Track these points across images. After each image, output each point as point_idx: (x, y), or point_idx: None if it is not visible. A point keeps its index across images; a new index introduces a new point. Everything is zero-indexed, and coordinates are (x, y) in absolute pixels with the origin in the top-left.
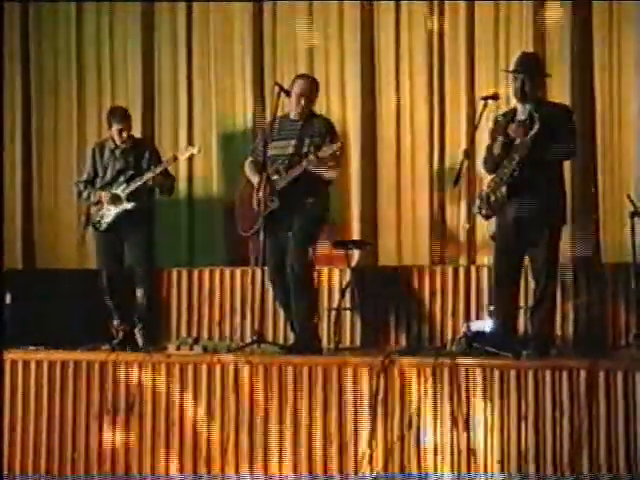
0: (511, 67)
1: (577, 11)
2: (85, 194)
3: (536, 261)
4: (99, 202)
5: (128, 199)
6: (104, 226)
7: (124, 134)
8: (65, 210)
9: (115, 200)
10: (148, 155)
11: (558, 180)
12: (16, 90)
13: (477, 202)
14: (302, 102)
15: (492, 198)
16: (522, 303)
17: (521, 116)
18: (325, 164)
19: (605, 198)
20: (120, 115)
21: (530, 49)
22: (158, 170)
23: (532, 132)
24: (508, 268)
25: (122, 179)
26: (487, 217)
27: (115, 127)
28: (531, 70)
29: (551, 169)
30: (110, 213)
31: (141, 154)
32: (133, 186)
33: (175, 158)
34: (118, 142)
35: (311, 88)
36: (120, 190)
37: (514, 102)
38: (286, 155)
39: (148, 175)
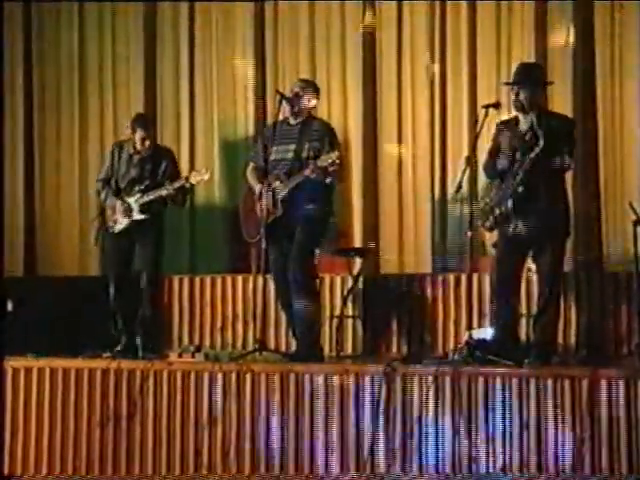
0: (510, 78)
1: (579, 18)
2: (103, 195)
3: (540, 270)
4: (113, 208)
5: (140, 211)
6: (115, 231)
7: (147, 142)
8: (67, 217)
9: (128, 210)
10: (165, 166)
11: (561, 191)
12: (18, 93)
13: (480, 215)
14: (298, 103)
15: (497, 212)
16: (524, 311)
17: (523, 126)
18: (325, 171)
19: (607, 207)
20: (145, 123)
21: (532, 57)
22: (171, 188)
23: (537, 149)
24: (509, 277)
25: (137, 188)
26: (490, 229)
27: (139, 134)
28: (529, 81)
29: (554, 181)
30: (122, 221)
31: (158, 164)
32: (146, 198)
33: (187, 179)
34: (139, 148)
35: (307, 90)
36: (133, 200)
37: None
38: (286, 160)
39: (161, 191)
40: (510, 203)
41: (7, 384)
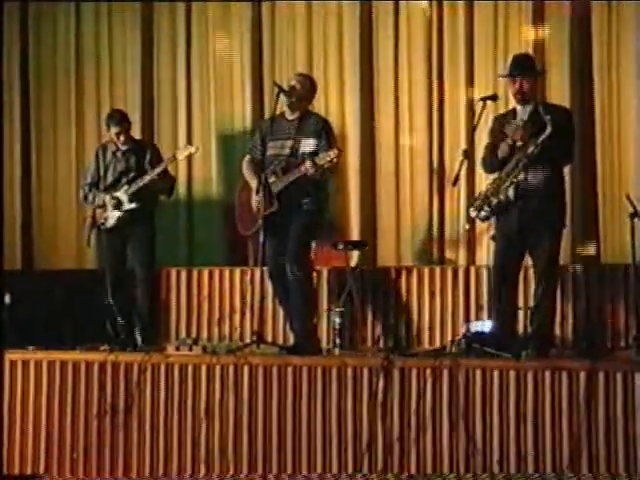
0: (506, 70)
1: (576, 12)
2: (90, 197)
3: (538, 263)
4: (103, 205)
5: (130, 200)
6: (108, 227)
7: (122, 137)
8: (64, 211)
9: (118, 202)
10: (149, 156)
11: (558, 182)
12: (14, 90)
13: (477, 203)
14: (294, 98)
15: (495, 201)
16: (521, 304)
17: (523, 116)
18: (322, 168)
19: (605, 199)
20: (117, 119)
21: (530, 50)
22: (158, 170)
23: (544, 136)
24: (508, 269)
25: (124, 181)
26: (486, 219)
27: (113, 130)
28: (528, 71)
29: (553, 171)
30: (113, 215)
31: (142, 155)
32: (135, 187)
33: (174, 157)
34: (119, 144)
35: (305, 85)
36: (122, 192)
37: (512, 103)
38: (283, 155)
39: (149, 176)
40: (512, 192)
41: (4, 377)
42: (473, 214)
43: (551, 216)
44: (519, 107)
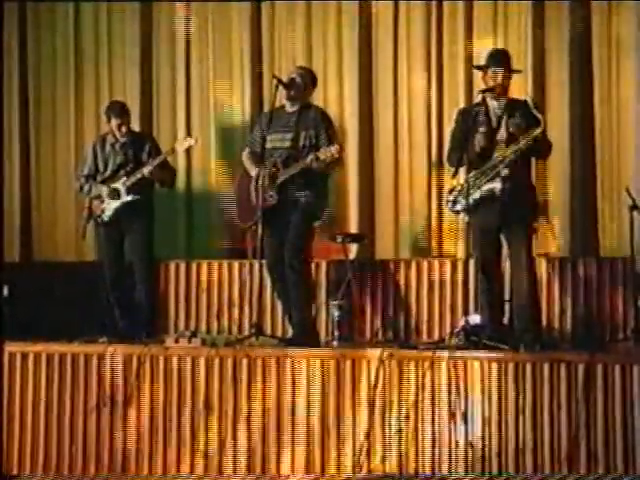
0: (490, 62)
1: (576, 9)
2: (86, 188)
3: (516, 254)
4: (100, 196)
5: (128, 192)
6: (105, 219)
7: (123, 128)
8: (63, 202)
9: (115, 194)
10: (148, 148)
11: (530, 175)
12: (14, 83)
13: (453, 195)
14: (294, 91)
15: (477, 194)
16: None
17: (497, 111)
18: (324, 162)
19: (604, 192)
20: (118, 110)
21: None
22: (156, 162)
23: (538, 130)
24: (490, 262)
25: (122, 173)
26: (464, 212)
27: (114, 122)
28: (510, 66)
29: (529, 164)
30: (110, 207)
31: (141, 148)
32: (133, 179)
33: (173, 150)
34: (118, 136)
35: (305, 78)
36: (120, 184)
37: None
38: (283, 148)
39: (147, 168)
40: (499, 185)
41: (3, 369)
42: (448, 205)
43: (528, 208)
44: (493, 101)
